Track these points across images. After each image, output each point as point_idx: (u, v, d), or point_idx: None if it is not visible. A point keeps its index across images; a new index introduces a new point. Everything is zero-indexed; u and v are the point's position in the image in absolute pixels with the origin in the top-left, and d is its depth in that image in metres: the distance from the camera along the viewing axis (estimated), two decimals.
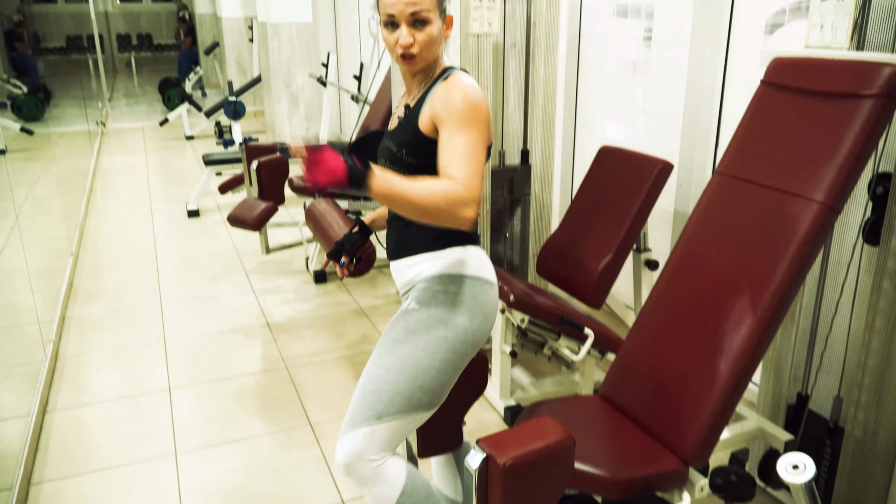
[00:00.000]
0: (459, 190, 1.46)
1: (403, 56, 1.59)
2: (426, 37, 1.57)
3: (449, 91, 1.57)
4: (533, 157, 3.26)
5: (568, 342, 2.72)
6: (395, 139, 1.68)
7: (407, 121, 1.65)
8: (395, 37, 1.58)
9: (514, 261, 3.40)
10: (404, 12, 1.55)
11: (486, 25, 2.91)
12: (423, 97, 1.64)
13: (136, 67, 15.69)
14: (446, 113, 1.55)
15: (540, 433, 1.42)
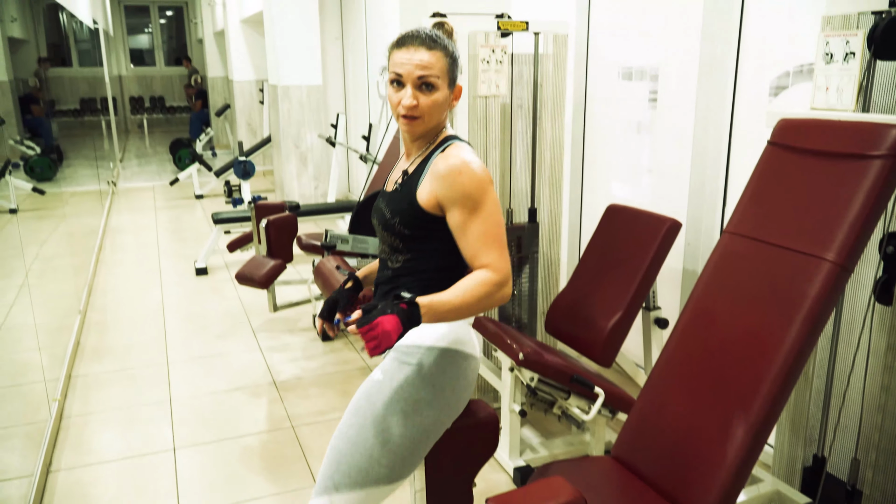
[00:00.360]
0: (497, 278, 1.52)
1: (405, 117, 1.57)
2: (431, 102, 1.56)
3: (452, 171, 1.54)
4: (541, 215, 3.29)
5: (578, 401, 2.68)
6: (389, 204, 1.66)
7: (404, 189, 1.62)
8: (400, 96, 1.57)
9: (523, 318, 3.39)
10: (412, 74, 1.54)
11: (493, 87, 2.97)
12: (421, 166, 1.62)
13: (147, 129, 16.02)
14: (455, 196, 1.54)
15: (551, 493, 1.40)
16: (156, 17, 17.79)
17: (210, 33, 13.27)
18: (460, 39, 2.89)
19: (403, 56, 1.56)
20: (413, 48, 1.55)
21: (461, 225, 1.55)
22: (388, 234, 1.66)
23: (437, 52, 1.56)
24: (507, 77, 3.01)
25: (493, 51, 2.94)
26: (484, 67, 2.93)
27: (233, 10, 10.13)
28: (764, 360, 1.70)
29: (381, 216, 1.68)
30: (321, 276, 2.58)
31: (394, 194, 1.66)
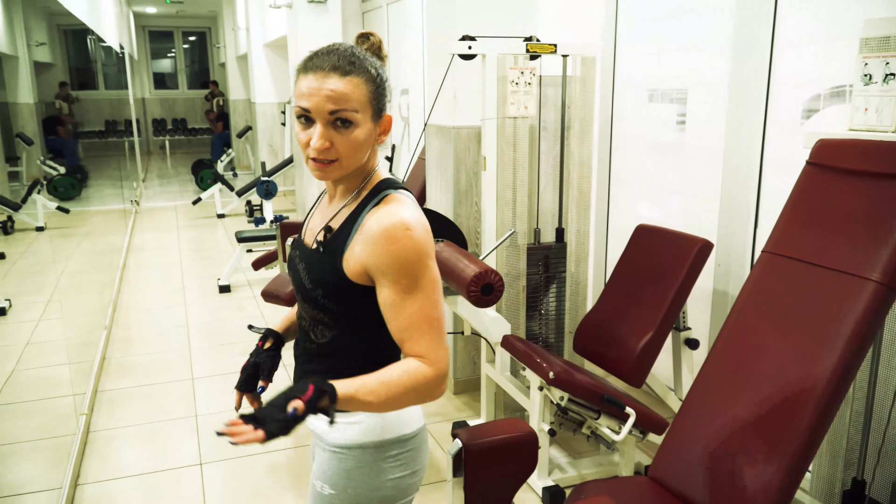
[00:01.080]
0: (432, 373, 1.23)
1: (316, 161, 1.24)
2: (348, 142, 1.23)
3: (387, 236, 1.22)
4: (568, 234, 3.29)
5: (608, 421, 2.66)
6: (310, 270, 1.33)
7: (328, 252, 1.30)
8: (308, 135, 1.24)
9: (549, 338, 3.38)
10: (322, 108, 1.21)
11: (522, 108, 3.00)
12: (349, 224, 1.30)
13: (170, 150, 16.22)
14: (387, 268, 1.23)
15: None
16: (179, 42, 18.10)
17: (232, 57, 13.47)
18: (489, 62, 2.93)
19: (310, 84, 1.22)
20: (322, 74, 1.21)
21: (392, 303, 1.25)
22: (309, 306, 1.34)
23: (354, 79, 1.22)
24: (535, 98, 3.04)
25: (521, 73, 2.97)
26: (513, 89, 2.96)
27: (256, 35, 10.29)
28: (806, 384, 1.68)
29: (298, 281, 1.36)
30: None
31: (314, 256, 1.33)
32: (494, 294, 2.47)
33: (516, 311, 3.24)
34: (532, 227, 3.27)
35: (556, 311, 3.36)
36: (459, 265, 2.54)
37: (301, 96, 1.23)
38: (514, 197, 3.12)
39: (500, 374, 3.10)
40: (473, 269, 2.44)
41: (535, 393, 2.72)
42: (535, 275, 3.28)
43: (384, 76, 1.30)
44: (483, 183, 3.09)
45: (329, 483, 1.37)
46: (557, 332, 3.38)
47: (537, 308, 3.33)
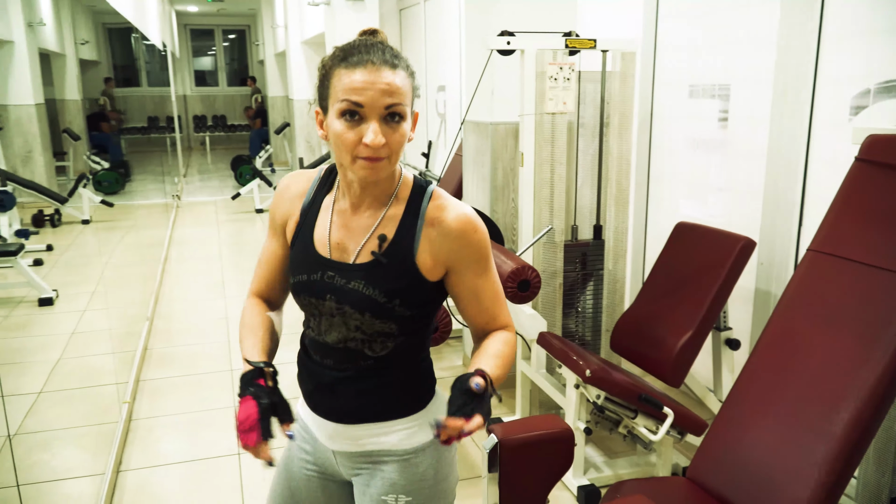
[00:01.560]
0: (515, 338, 1.38)
1: (368, 159, 1.19)
2: (399, 137, 1.20)
3: (467, 228, 1.26)
4: (606, 232, 3.26)
5: (645, 421, 2.63)
6: (375, 282, 1.26)
7: (397, 259, 1.27)
8: (358, 133, 1.18)
9: (586, 336, 3.35)
10: (378, 103, 1.17)
11: (560, 104, 2.97)
12: (410, 226, 1.28)
13: (209, 146, 16.49)
14: (471, 257, 1.28)
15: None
16: (219, 40, 18.37)
17: (271, 54, 13.63)
18: (528, 57, 2.91)
19: (361, 78, 1.17)
20: (373, 68, 1.17)
21: (475, 288, 1.31)
22: (378, 320, 1.27)
23: (401, 72, 1.20)
24: (574, 94, 3.01)
25: (560, 68, 2.94)
26: (551, 84, 2.94)
27: (294, 33, 10.39)
28: (855, 383, 1.64)
29: (360, 300, 1.26)
30: None
31: (376, 268, 1.27)
32: (531, 291, 2.46)
33: (552, 308, 3.22)
34: (569, 224, 3.25)
35: (592, 308, 3.33)
36: (496, 261, 2.54)
37: (352, 91, 1.17)
38: (551, 193, 3.10)
39: (536, 372, 3.09)
40: (510, 265, 2.43)
41: (571, 391, 2.70)
42: (572, 272, 3.25)
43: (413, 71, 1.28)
44: (520, 179, 3.08)
45: (404, 492, 1.36)
46: (594, 330, 3.35)
47: (574, 306, 3.31)
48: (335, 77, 1.20)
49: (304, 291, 1.32)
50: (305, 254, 1.33)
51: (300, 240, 1.35)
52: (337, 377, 1.34)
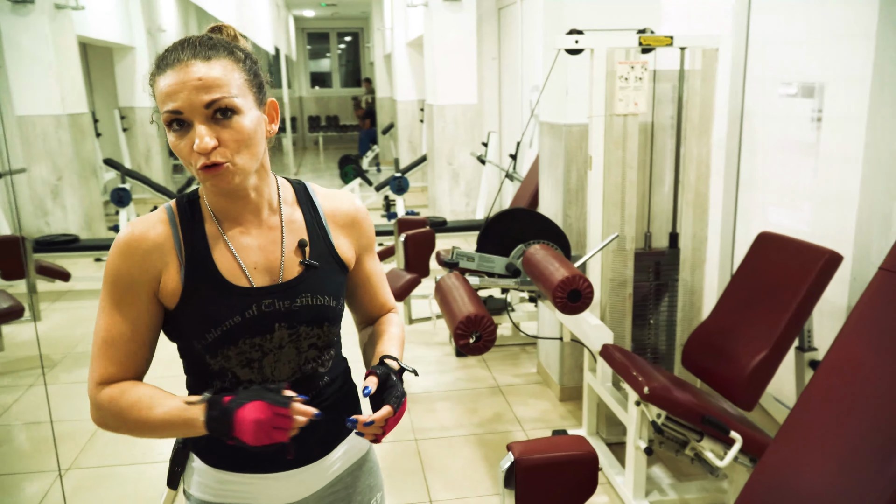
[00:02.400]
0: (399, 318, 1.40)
1: (206, 169, 1.04)
2: (236, 134, 1.04)
3: (362, 213, 1.28)
4: (683, 240, 3.08)
5: (712, 445, 2.46)
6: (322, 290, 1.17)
7: (326, 262, 1.19)
8: (189, 141, 1.03)
9: (660, 349, 3.18)
10: (195, 103, 1.02)
11: (631, 105, 2.83)
12: (316, 225, 1.21)
13: (322, 145, 17.08)
14: (367, 241, 1.29)
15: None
16: (334, 43, 18.99)
17: (380, 56, 13.93)
18: (598, 56, 2.79)
19: (172, 81, 1.02)
20: (182, 66, 1.03)
21: (370, 272, 1.32)
22: (334, 327, 1.21)
23: (219, 61, 1.05)
24: (646, 94, 2.86)
25: (632, 67, 2.80)
26: (622, 84, 2.80)
27: (399, 35, 10.56)
28: None
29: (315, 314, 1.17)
30: (440, 292, 2.57)
31: (316, 276, 1.18)
32: (582, 301, 2.35)
33: (621, 318, 3.07)
34: (642, 232, 3.09)
35: (667, 321, 3.15)
36: (549, 268, 2.44)
37: (165, 98, 1.02)
38: (622, 199, 2.96)
39: (601, 385, 2.96)
40: (561, 274, 2.34)
41: (632, 407, 2.57)
42: (644, 282, 3.09)
43: (252, 56, 1.13)
44: (589, 183, 2.96)
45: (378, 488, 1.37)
46: (668, 344, 3.17)
47: (646, 317, 3.14)
48: (155, 88, 1.06)
49: (242, 335, 1.12)
50: (223, 295, 1.12)
51: (202, 285, 1.12)
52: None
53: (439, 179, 7.44)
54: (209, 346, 1.11)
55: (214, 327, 1.10)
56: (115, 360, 1.12)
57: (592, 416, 3.12)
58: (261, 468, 1.18)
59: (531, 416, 3.43)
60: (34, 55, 5.97)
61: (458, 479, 2.89)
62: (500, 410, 3.48)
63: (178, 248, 1.12)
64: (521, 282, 2.96)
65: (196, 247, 1.13)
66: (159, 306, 1.13)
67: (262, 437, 1.01)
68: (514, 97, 7.27)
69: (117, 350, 1.12)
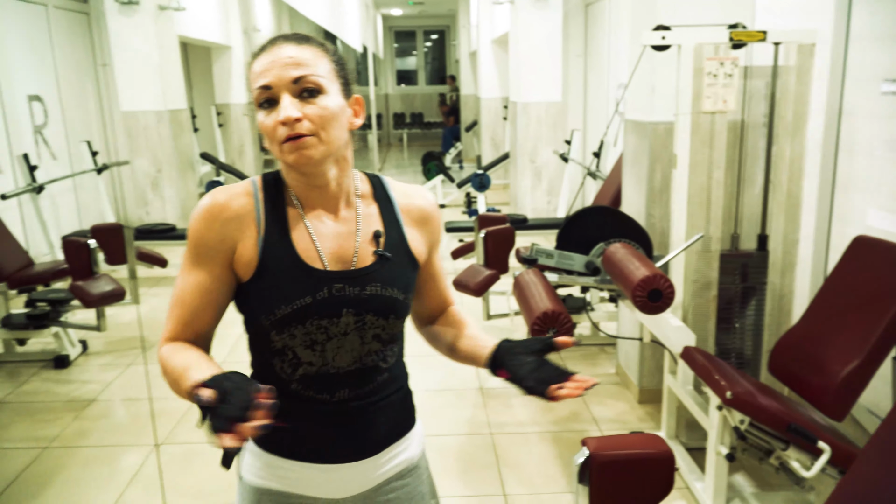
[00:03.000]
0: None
1: (290, 140, 1.08)
2: (320, 110, 1.09)
3: (436, 210, 1.30)
4: (772, 242, 2.98)
5: (798, 454, 2.38)
6: (392, 282, 1.19)
7: (398, 255, 1.21)
8: (275, 116, 1.08)
9: (745, 354, 3.09)
10: (284, 78, 1.08)
11: (720, 103, 2.76)
12: (391, 218, 1.23)
13: (407, 142, 17.31)
14: (436, 238, 1.31)
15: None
16: (420, 41, 19.21)
17: (465, 54, 13.99)
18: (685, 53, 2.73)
19: (266, 61, 1.10)
20: (276, 49, 1.11)
21: (436, 269, 1.35)
22: (399, 321, 1.22)
23: (309, 47, 1.12)
24: (736, 91, 2.78)
25: (721, 63, 2.73)
26: (710, 81, 2.73)
27: (485, 32, 10.58)
28: None
29: (382, 304, 1.18)
30: (518, 288, 2.59)
31: (386, 268, 1.19)
32: (663, 301, 2.32)
33: (705, 321, 3.00)
34: (729, 233, 3.01)
35: (753, 325, 3.06)
36: (630, 267, 2.42)
37: (258, 77, 1.10)
38: (708, 198, 2.89)
39: (682, 388, 2.90)
40: (642, 273, 2.31)
41: (714, 412, 2.51)
42: (730, 284, 3.01)
43: (342, 58, 1.19)
44: (673, 182, 2.90)
45: (432, 497, 1.37)
46: (754, 348, 3.08)
47: (731, 320, 3.06)
48: (250, 73, 1.14)
49: (311, 316, 1.13)
50: (296, 274, 1.14)
51: (277, 262, 1.14)
52: (357, 407, 1.19)
53: (521, 177, 7.43)
54: (277, 322, 1.12)
55: (285, 304, 1.12)
56: (182, 319, 1.16)
57: (672, 420, 3.06)
58: (307, 457, 1.19)
59: (608, 416, 3.40)
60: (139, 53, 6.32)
61: (531, 475, 2.90)
62: (576, 409, 3.47)
63: (257, 221, 1.15)
64: (600, 280, 2.94)
65: (276, 223, 1.16)
66: (232, 275, 1.16)
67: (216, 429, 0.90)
68: (600, 95, 7.17)
69: (184, 310, 1.16)
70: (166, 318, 1.19)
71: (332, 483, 1.21)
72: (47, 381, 3.81)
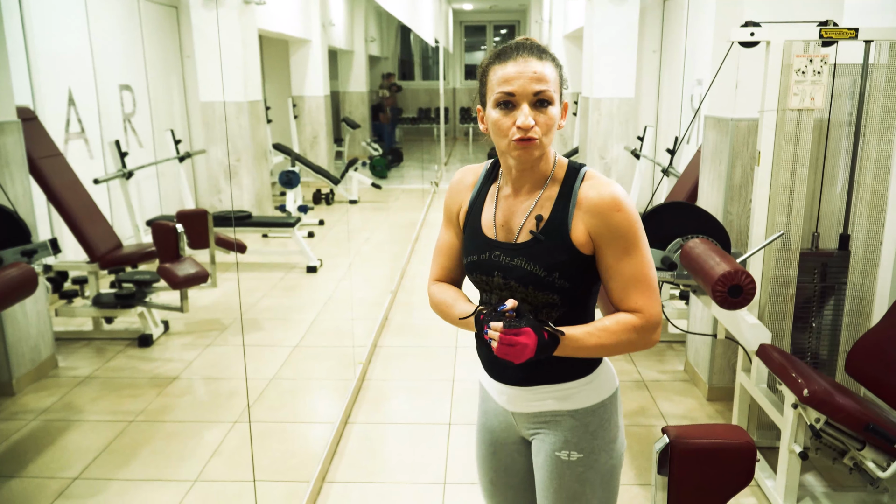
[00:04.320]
0: (643, 323, 1.38)
1: (521, 140, 1.34)
2: (549, 119, 1.34)
3: (610, 205, 1.36)
4: (854, 242, 2.93)
5: (875, 455, 2.35)
6: (536, 259, 1.40)
7: (554, 235, 1.39)
8: (512, 119, 1.34)
9: (821, 354, 3.05)
10: (527, 90, 1.33)
11: (807, 100, 2.73)
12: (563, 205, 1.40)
13: (472, 137, 17.37)
14: (612, 233, 1.36)
15: None
16: (490, 35, 19.21)
17: None
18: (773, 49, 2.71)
19: (513, 70, 1.34)
20: (522, 61, 1.34)
21: (614, 265, 1.39)
22: (541, 293, 1.41)
23: (547, 63, 1.36)
24: (824, 89, 2.74)
25: (810, 60, 2.70)
26: (798, 78, 2.71)
27: (557, 27, 10.54)
28: None
29: (523, 275, 1.41)
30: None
31: (536, 246, 1.41)
32: (743, 297, 2.32)
33: (781, 320, 2.98)
34: (810, 231, 2.97)
35: (831, 325, 3.02)
36: (710, 262, 2.42)
37: (503, 83, 1.34)
38: (790, 196, 2.86)
39: (755, 386, 2.89)
40: (723, 268, 2.31)
41: (789, 410, 2.50)
42: (808, 283, 2.98)
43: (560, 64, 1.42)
44: (755, 179, 2.88)
45: (577, 448, 1.50)
46: (831, 349, 3.03)
47: (808, 320, 3.03)
48: (491, 73, 1.38)
49: (476, 270, 1.48)
50: (475, 237, 1.49)
51: (470, 225, 1.51)
52: None
53: None
54: (466, 266, 1.52)
55: (466, 256, 1.50)
56: (439, 264, 1.61)
57: (743, 418, 3.05)
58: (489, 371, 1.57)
59: (677, 412, 3.40)
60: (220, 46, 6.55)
61: None
62: (644, 405, 3.48)
63: (472, 194, 1.53)
64: (676, 275, 2.95)
65: (478, 197, 1.52)
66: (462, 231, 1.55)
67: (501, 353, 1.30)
68: (674, 91, 7.08)
69: (441, 256, 1.61)
70: (431, 263, 1.64)
71: (499, 395, 1.56)
72: (132, 359, 4.03)
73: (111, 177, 5.15)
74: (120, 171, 5.22)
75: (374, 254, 6.54)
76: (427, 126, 17.35)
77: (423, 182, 10.55)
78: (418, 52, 18.57)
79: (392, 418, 3.37)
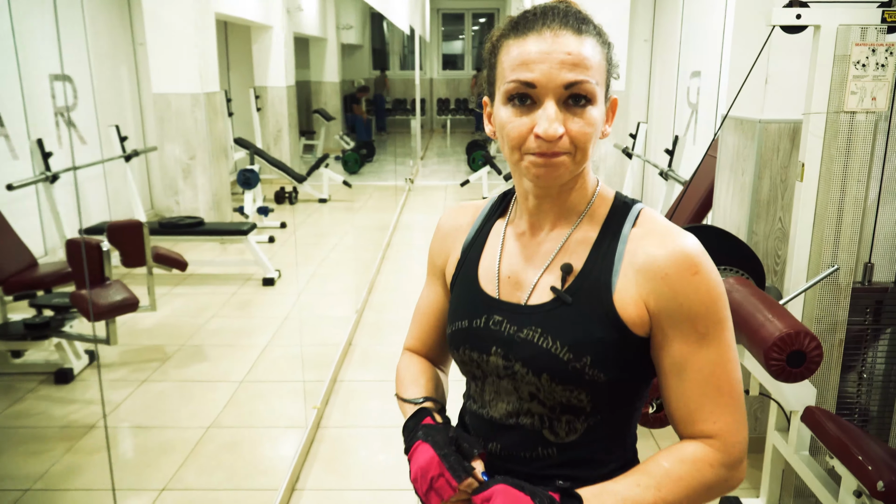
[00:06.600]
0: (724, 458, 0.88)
1: (542, 155, 0.87)
2: (587, 126, 0.87)
3: (684, 265, 0.87)
4: None
5: None
6: (559, 333, 0.91)
7: (587, 298, 0.91)
8: (531, 121, 0.87)
9: (871, 409, 2.52)
10: (555, 80, 0.85)
11: (868, 100, 2.18)
12: (605, 255, 0.92)
13: (450, 128, 16.75)
14: (690, 308, 0.87)
15: None
16: (468, 24, 18.57)
17: None
18: (825, 36, 2.16)
19: (535, 49, 0.86)
20: (550, 34, 0.86)
21: (680, 362, 0.89)
22: (561, 387, 0.91)
23: (589, 39, 0.87)
24: (889, 87, 2.19)
25: (872, 51, 2.15)
26: (857, 73, 2.15)
27: None
28: None
29: (535, 356, 0.92)
30: None
31: (559, 309, 0.92)
32: (806, 367, 1.75)
33: (826, 370, 2.44)
34: (862, 261, 2.43)
35: (884, 374, 2.48)
36: (758, 317, 1.85)
37: (520, 66, 0.86)
38: (838, 219, 2.31)
39: (794, 453, 2.35)
40: (778, 328, 1.74)
41: (849, 498, 1.96)
42: (857, 325, 2.43)
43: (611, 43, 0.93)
44: (797, 197, 2.33)
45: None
46: (883, 404, 2.50)
47: (856, 368, 2.49)
48: (503, 52, 0.91)
49: (464, 343, 1.00)
50: (467, 291, 1.02)
51: (461, 279, 1.05)
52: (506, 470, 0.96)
53: None
54: (449, 339, 1.04)
55: (451, 323, 1.03)
56: (416, 328, 1.17)
57: (775, 484, 2.51)
58: None
59: None
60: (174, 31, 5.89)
61: None
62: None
63: (467, 238, 1.07)
64: None
65: (477, 241, 1.06)
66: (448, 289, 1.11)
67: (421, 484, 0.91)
68: (668, 84, 6.54)
69: (420, 318, 1.17)
70: (409, 327, 1.20)
71: None
72: (44, 400, 3.35)
73: (30, 181, 4.45)
74: (42, 173, 4.53)
75: (341, 262, 5.92)
76: (402, 118, 16.71)
77: (396, 178, 9.93)
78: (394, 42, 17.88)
79: (364, 423, 2.90)
